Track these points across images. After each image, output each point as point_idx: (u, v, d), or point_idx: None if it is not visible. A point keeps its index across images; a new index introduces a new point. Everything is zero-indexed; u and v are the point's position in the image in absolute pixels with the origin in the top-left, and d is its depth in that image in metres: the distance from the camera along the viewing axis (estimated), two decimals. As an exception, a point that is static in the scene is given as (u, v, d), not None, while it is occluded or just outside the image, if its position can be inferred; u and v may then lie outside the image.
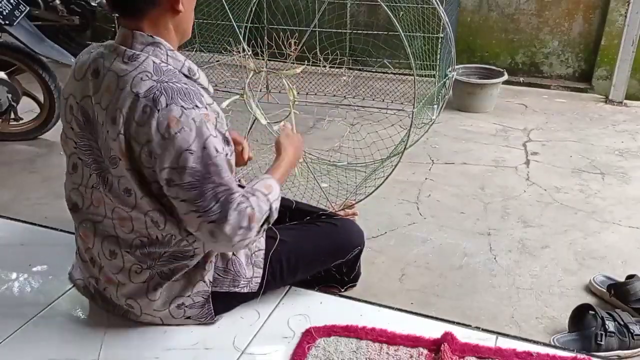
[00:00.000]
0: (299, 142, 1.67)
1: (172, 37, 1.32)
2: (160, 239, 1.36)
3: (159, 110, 1.20)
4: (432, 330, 1.53)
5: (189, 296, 1.46)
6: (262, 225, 1.31)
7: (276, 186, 1.40)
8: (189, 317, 1.51)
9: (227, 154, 1.27)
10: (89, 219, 1.43)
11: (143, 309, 1.47)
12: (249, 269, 1.52)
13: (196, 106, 1.23)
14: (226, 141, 1.30)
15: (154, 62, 1.26)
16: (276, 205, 1.36)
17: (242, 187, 1.37)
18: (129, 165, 1.26)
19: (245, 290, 1.53)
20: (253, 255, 1.53)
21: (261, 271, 1.54)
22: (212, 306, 1.50)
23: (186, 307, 1.48)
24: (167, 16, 1.29)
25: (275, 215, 1.36)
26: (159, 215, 1.32)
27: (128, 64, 1.25)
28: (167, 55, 1.29)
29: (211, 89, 1.39)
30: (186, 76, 1.31)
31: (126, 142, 1.24)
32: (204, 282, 1.46)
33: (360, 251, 1.75)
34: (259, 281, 1.54)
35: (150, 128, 1.20)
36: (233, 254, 1.50)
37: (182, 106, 1.21)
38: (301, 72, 2.11)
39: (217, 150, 1.24)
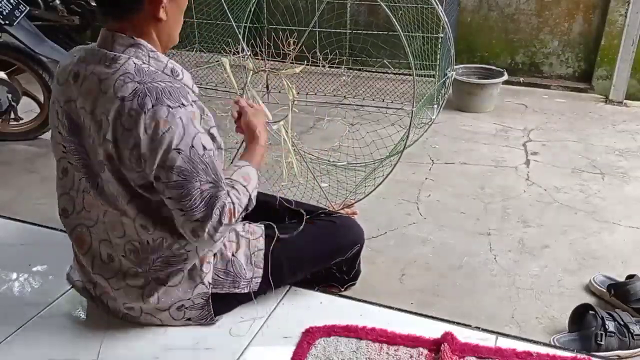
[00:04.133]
0: (262, 114, 1.64)
1: (154, 42, 1.31)
2: (152, 244, 1.36)
3: (145, 113, 1.19)
4: (432, 330, 1.53)
5: (189, 299, 1.46)
6: (240, 215, 1.33)
7: (254, 174, 1.41)
8: (189, 319, 1.51)
9: (213, 151, 1.27)
10: (83, 224, 1.42)
11: (143, 310, 1.47)
12: (249, 270, 1.52)
13: (182, 104, 1.22)
14: (212, 138, 1.30)
15: (135, 63, 1.25)
16: (255, 194, 1.38)
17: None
18: (112, 170, 1.26)
19: (246, 291, 1.53)
20: (253, 255, 1.53)
21: (261, 271, 1.54)
22: (212, 307, 1.50)
23: (186, 308, 1.48)
24: (150, 23, 1.28)
25: (253, 203, 1.38)
26: (147, 219, 1.32)
27: (109, 67, 1.25)
28: (149, 56, 1.28)
29: (196, 89, 1.38)
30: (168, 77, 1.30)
31: (113, 146, 1.23)
32: (203, 284, 1.46)
33: (360, 248, 1.75)
34: (259, 281, 1.54)
35: (138, 131, 1.20)
36: (233, 254, 1.50)
37: (168, 105, 1.20)
38: (301, 71, 2.10)
39: (204, 148, 1.24)
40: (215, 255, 1.49)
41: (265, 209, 1.77)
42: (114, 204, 1.33)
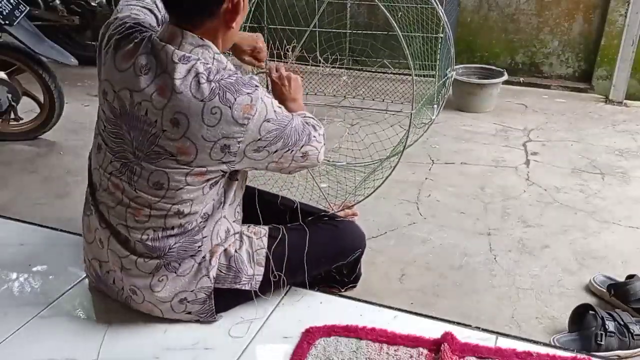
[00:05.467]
0: (299, 88, 1.76)
1: (218, 46, 1.35)
2: (175, 229, 1.40)
3: (230, 107, 1.26)
4: (432, 330, 1.53)
5: (192, 291, 1.47)
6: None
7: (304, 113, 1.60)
8: (189, 312, 1.51)
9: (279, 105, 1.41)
10: (105, 203, 1.45)
11: (146, 297, 1.48)
12: (251, 267, 1.53)
13: (256, 86, 1.32)
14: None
15: (204, 64, 1.28)
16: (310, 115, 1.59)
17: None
18: (187, 161, 1.30)
19: (247, 287, 1.53)
20: (255, 253, 1.54)
21: (262, 269, 1.54)
22: (213, 303, 1.51)
23: (188, 302, 1.49)
24: (220, 29, 1.33)
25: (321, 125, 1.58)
26: (186, 205, 1.37)
27: (180, 66, 1.26)
28: (214, 58, 1.32)
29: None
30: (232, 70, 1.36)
31: (192, 142, 1.28)
32: (208, 277, 1.47)
33: (362, 253, 1.76)
34: (260, 279, 1.54)
35: (226, 125, 1.27)
36: (236, 250, 1.51)
37: (247, 93, 1.29)
38: (300, 72, 2.10)
39: (279, 106, 1.39)
40: (221, 251, 1.50)
41: (267, 210, 1.77)
42: (152, 192, 1.36)
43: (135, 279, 1.46)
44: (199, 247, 1.45)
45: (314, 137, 1.47)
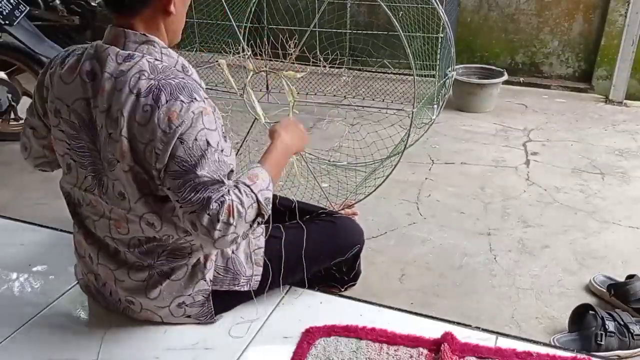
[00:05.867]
0: (299, 131, 1.62)
1: (163, 37, 1.33)
2: (158, 238, 1.37)
3: (159, 108, 1.21)
4: (432, 330, 1.53)
5: (189, 295, 1.47)
6: (252, 221, 1.27)
7: (263, 175, 1.33)
8: (188, 316, 1.51)
9: (222, 149, 1.26)
10: (90, 217, 1.44)
11: (143, 306, 1.47)
12: (249, 267, 1.53)
13: (195, 99, 1.24)
14: (223, 137, 1.29)
15: (148, 61, 1.26)
16: (264, 196, 1.29)
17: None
18: (129, 165, 1.26)
19: (246, 288, 1.53)
20: (253, 253, 1.53)
21: (261, 269, 1.54)
22: (212, 305, 1.50)
23: (186, 305, 1.48)
24: (159, 17, 1.30)
25: (268, 208, 1.30)
26: (155, 218, 1.33)
27: (122, 65, 1.25)
28: (162, 53, 1.30)
29: (203, 85, 1.39)
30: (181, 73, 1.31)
31: (129, 142, 1.24)
32: (205, 280, 1.46)
33: (360, 249, 1.75)
34: (259, 279, 1.54)
35: (153, 125, 1.21)
36: (233, 252, 1.51)
37: (181, 100, 1.22)
38: (301, 72, 2.10)
39: (208, 144, 1.23)
40: (217, 252, 1.49)
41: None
42: (118, 203, 1.33)
43: (129, 288, 1.45)
44: (189, 253, 1.42)
45: (207, 217, 1.20)
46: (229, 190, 1.24)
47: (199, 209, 1.21)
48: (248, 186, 1.28)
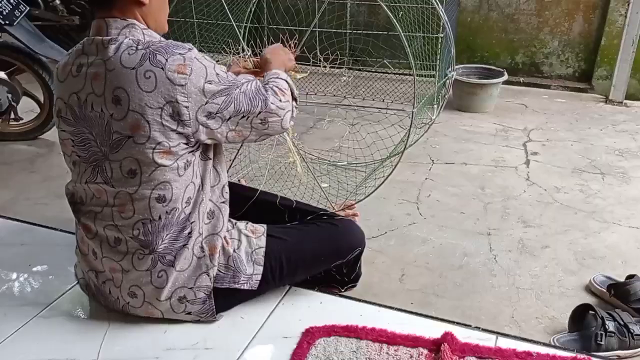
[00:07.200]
0: (285, 51, 1.74)
1: (142, 23, 1.38)
2: (163, 219, 1.39)
3: (162, 68, 1.27)
4: (432, 330, 1.53)
5: (191, 288, 1.47)
6: (292, 95, 1.51)
7: (281, 72, 1.56)
8: (189, 313, 1.51)
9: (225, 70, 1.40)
10: (92, 211, 1.45)
11: (146, 298, 1.47)
12: (250, 266, 1.53)
13: (189, 49, 1.32)
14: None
15: (132, 39, 1.32)
16: (284, 76, 1.53)
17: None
18: (132, 144, 1.30)
19: (246, 287, 1.53)
20: (253, 252, 1.54)
21: (261, 269, 1.54)
22: (214, 303, 1.50)
23: (188, 301, 1.48)
24: (134, 7, 1.36)
25: (294, 88, 1.53)
26: (167, 189, 1.36)
27: (109, 47, 1.31)
28: (143, 33, 1.36)
29: None
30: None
31: (139, 114, 1.28)
32: (208, 275, 1.47)
33: (361, 252, 1.75)
34: (259, 279, 1.54)
35: (164, 87, 1.27)
36: (234, 250, 1.51)
37: (180, 53, 1.30)
38: (301, 71, 2.10)
39: (222, 70, 1.37)
40: (219, 250, 1.50)
41: (266, 209, 1.77)
42: (128, 182, 1.36)
43: (134, 279, 1.45)
44: (189, 233, 1.43)
45: (272, 102, 1.42)
46: (267, 83, 1.47)
47: (262, 106, 1.40)
48: (277, 77, 1.52)
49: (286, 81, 1.52)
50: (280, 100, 1.44)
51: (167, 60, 1.28)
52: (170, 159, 1.34)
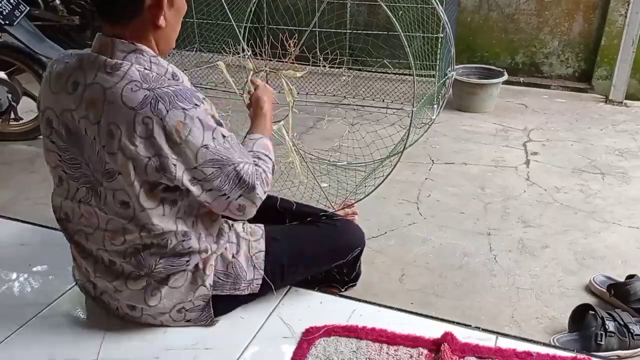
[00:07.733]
0: (270, 93, 1.74)
1: (152, 47, 1.29)
2: (156, 244, 1.36)
3: (162, 119, 1.19)
4: (432, 330, 1.53)
5: (189, 300, 1.46)
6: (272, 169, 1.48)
7: (270, 143, 1.53)
8: (188, 320, 1.51)
9: (231, 136, 1.33)
10: (82, 230, 1.41)
11: (144, 311, 1.47)
12: (250, 272, 1.52)
13: (195, 105, 1.23)
14: (222, 125, 1.33)
15: (138, 70, 1.23)
16: (273, 157, 1.51)
17: None
18: (136, 177, 1.24)
19: (246, 292, 1.52)
20: (253, 257, 1.53)
21: (262, 273, 1.53)
22: (212, 309, 1.50)
23: (187, 310, 1.48)
24: (148, 29, 1.27)
25: (276, 169, 1.52)
26: (158, 221, 1.31)
27: (112, 75, 1.21)
28: (151, 62, 1.27)
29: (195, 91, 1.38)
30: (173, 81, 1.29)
31: (128, 155, 1.21)
32: (205, 286, 1.46)
33: (361, 252, 1.75)
34: (260, 283, 1.54)
35: (158, 139, 1.19)
36: (233, 255, 1.50)
37: (183, 108, 1.20)
38: (301, 71, 2.10)
39: (223, 136, 1.28)
40: (216, 257, 1.49)
41: (265, 210, 1.77)
42: (120, 212, 1.31)
43: (128, 298, 1.44)
44: (187, 261, 1.41)
45: (257, 194, 1.35)
46: (259, 165, 1.41)
47: (247, 192, 1.34)
48: (267, 155, 1.47)
49: (269, 157, 1.47)
50: (264, 192, 1.38)
51: (167, 112, 1.19)
52: (155, 198, 1.29)
